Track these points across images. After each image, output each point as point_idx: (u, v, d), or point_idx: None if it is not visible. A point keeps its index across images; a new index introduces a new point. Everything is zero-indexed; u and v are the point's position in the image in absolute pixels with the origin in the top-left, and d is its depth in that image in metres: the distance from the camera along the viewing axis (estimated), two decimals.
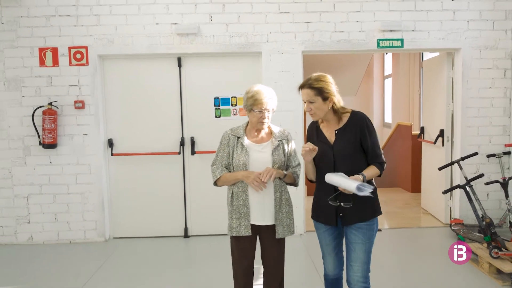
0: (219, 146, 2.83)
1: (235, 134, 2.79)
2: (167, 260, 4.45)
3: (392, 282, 3.81)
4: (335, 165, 2.53)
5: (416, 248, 4.76)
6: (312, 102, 2.53)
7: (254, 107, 2.67)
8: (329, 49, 4.99)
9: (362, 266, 2.55)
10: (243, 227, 2.71)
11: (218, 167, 2.78)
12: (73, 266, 4.34)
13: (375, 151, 2.56)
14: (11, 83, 4.88)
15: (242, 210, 2.72)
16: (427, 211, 5.93)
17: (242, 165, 2.71)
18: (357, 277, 2.55)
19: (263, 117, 2.70)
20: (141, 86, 5.06)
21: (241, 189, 2.73)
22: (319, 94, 2.51)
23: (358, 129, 2.54)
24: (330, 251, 2.70)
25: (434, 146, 5.52)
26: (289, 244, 4.72)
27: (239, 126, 2.86)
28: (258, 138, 2.81)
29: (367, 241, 2.55)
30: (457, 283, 3.76)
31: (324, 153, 2.56)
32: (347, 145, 2.53)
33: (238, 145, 2.77)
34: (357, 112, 2.60)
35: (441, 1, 4.94)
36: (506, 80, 5.05)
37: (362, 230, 2.54)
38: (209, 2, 4.87)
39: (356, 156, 2.55)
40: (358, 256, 2.54)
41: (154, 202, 5.13)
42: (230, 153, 2.77)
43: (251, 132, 2.81)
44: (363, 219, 2.54)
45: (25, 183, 4.98)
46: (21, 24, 4.84)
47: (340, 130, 2.57)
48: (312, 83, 2.53)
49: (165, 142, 5.10)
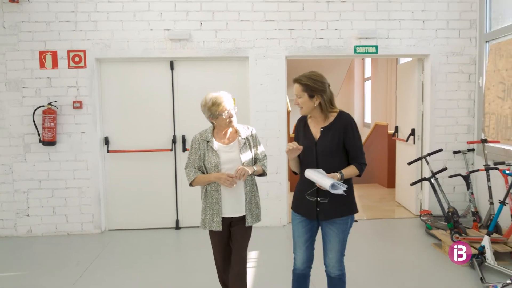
0: (190, 150, 3.01)
1: (204, 138, 2.96)
2: (159, 250, 4.77)
3: (367, 266, 4.25)
4: (317, 161, 2.66)
5: (389, 237, 5.22)
6: (299, 97, 2.67)
7: (219, 111, 2.86)
8: (311, 55, 5.41)
9: (336, 254, 2.75)
10: (215, 223, 2.93)
11: (192, 170, 2.96)
12: (72, 256, 4.62)
13: (356, 152, 2.68)
14: (12, 84, 5.17)
15: (215, 207, 2.93)
16: (401, 204, 6.42)
17: (214, 167, 2.91)
18: (333, 262, 2.77)
19: (231, 116, 2.92)
20: (136, 87, 5.40)
21: (214, 188, 2.93)
22: (305, 91, 2.64)
23: (342, 129, 2.65)
24: (302, 243, 2.82)
25: (407, 144, 6.00)
26: (272, 234, 5.16)
27: (206, 130, 3.02)
28: (226, 140, 2.99)
29: (341, 234, 2.72)
30: (423, 265, 4.22)
31: (308, 148, 2.69)
32: (330, 143, 2.65)
33: (208, 148, 2.94)
34: (344, 113, 2.72)
35: (412, 12, 5.41)
36: (471, 83, 5.55)
37: (337, 225, 2.70)
38: (200, 10, 5.24)
39: (338, 155, 2.66)
40: (333, 246, 2.74)
41: (147, 196, 5.46)
42: (201, 156, 2.95)
43: (218, 135, 2.99)
44: (339, 215, 2.68)
45: (25, 179, 5.26)
46: (22, 28, 5.13)
47: (325, 128, 2.69)
48: (301, 79, 2.67)
49: (158, 140, 5.44)
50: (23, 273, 4.19)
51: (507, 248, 4.16)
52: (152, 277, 3.99)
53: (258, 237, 5.16)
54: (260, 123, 5.34)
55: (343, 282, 2.82)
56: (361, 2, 5.34)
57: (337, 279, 2.80)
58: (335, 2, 5.31)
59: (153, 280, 3.94)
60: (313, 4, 5.30)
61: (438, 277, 3.90)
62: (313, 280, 3.16)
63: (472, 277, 3.84)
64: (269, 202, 5.36)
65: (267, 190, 5.36)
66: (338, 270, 2.78)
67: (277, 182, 5.45)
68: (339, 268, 2.79)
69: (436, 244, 4.68)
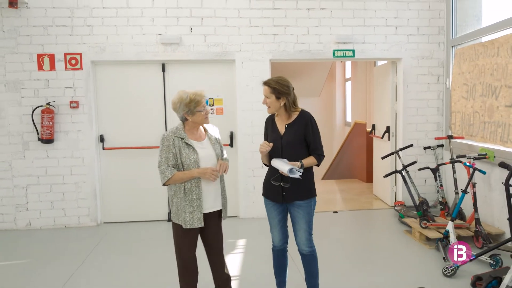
0: (161, 148, 2.96)
1: (178, 136, 2.95)
2: (152, 241, 5.09)
3: (345, 249, 4.69)
4: (282, 152, 3.05)
5: (366, 225, 5.68)
6: (268, 98, 3.06)
7: (198, 107, 2.93)
8: (293, 58, 5.83)
9: (305, 233, 3.11)
10: (196, 220, 2.93)
11: (167, 168, 2.91)
12: (70, 246, 4.92)
13: (316, 145, 3.08)
14: (12, 85, 5.46)
15: (196, 203, 2.93)
16: (378, 197, 6.89)
17: (194, 163, 2.92)
18: (302, 241, 3.13)
19: (207, 112, 3.03)
20: (130, 88, 5.74)
21: (194, 184, 2.93)
22: (273, 93, 3.02)
23: (303, 126, 3.06)
24: (276, 224, 3.21)
25: (382, 140, 6.47)
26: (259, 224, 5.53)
27: (177, 128, 3.00)
28: (197, 137, 3.05)
29: (307, 215, 3.09)
30: (395, 248, 4.67)
31: (274, 142, 3.08)
32: (293, 137, 3.05)
33: (184, 145, 2.94)
34: (305, 112, 3.12)
35: (385, 19, 5.88)
36: (439, 84, 6.04)
37: (302, 208, 3.08)
38: (189, 16, 5.61)
39: (300, 147, 3.06)
40: (301, 226, 3.10)
41: (140, 190, 5.80)
42: (176, 154, 2.93)
43: (191, 132, 3.02)
44: (301, 198, 3.06)
45: (24, 175, 5.55)
46: (21, 32, 5.42)
47: (289, 125, 3.09)
48: (270, 82, 3.04)
49: (150, 137, 5.78)
50: (26, 261, 4.49)
51: (469, 233, 4.64)
52: (146, 265, 4.31)
53: (245, 227, 5.58)
54: (247, 122, 5.74)
55: (314, 257, 3.18)
56: (339, 9, 5.78)
57: (309, 256, 3.16)
58: (315, 9, 5.75)
59: (147, 267, 4.25)
60: (294, 11, 5.73)
61: (408, 258, 4.36)
62: (291, 255, 3.56)
63: (437, 257, 4.30)
64: (255, 195, 5.75)
65: (253, 183, 5.76)
66: (308, 247, 3.14)
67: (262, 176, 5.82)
68: (309, 245, 3.14)
69: (407, 231, 5.15)
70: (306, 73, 9.97)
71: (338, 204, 6.73)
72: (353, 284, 3.76)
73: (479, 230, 4.41)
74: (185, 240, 3.00)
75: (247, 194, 5.83)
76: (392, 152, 5.66)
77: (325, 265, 3.92)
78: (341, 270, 4.07)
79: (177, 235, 3.03)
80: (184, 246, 3.02)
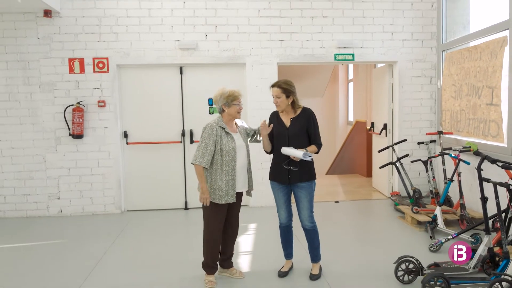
0: (203, 135, 3.47)
1: (220, 125, 3.52)
2: (172, 226, 5.66)
3: (345, 232, 5.27)
4: (289, 141, 3.59)
5: (364, 212, 6.26)
6: (279, 98, 3.59)
7: (234, 101, 3.53)
8: (298, 61, 6.42)
9: (307, 211, 3.66)
10: (230, 196, 3.53)
11: (203, 155, 3.43)
12: (99, 230, 5.52)
13: (316, 135, 3.64)
14: (45, 87, 6.08)
15: (230, 183, 3.51)
16: (376, 189, 7.47)
17: (232, 150, 3.50)
18: (305, 217, 3.67)
19: (241, 107, 3.59)
20: (151, 89, 6.35)
21: (231, 167, 3.51)
22: (284, 93, 3.57)
23: (306, 120, 3.63)
24: (282, 203, 3.74)
25: (380, 136, 7.05)
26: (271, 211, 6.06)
27: (218, 119, 3.56)
28: (233, 129, 3.63)
29: (308, 195, 3.64)
30: (389, 231, 5.24)
31: (282, 133, 3.62)
32: (298, 129, 3.60)
33: (224, 134, 3.50)
34: (306, 108, 3.70)
35: (382, 25, 6.46)
36: (432, 85, 6.61)
37: (304, 188, 3.63)
38: (205, 24, 6.22)
39: (303, 137, 3.61)
40: (304, 205, 3.65)
41: (160, 181, 6.40)
42: (217, 141, 3.45)
43: (228, 124, 3.61)
44: (304, 180, 3.60)
45: (56, 167, 6.18)
46: (54, 39, 6.05)
47: (294, 119, 3.65)
48: (281, 84, 3.59)
49: (169, 133, 6.39)
50: (63, 241, 5.10)
51: (455, 217, 5.20)
52: (169, 244, 4.90)
53: (255, 214, 6.15)
54: (256, 119, 6.31)
55: (316, 232, 3.74)
56: (340, 17, 6.37)
57: (311, 230, 3.72)
58: (318, 17, 6.34)
59: (170, 246, 4.84)
60: (300, 19, 6.32)
61: (400, 238, 4.93)
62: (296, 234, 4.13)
63: (425, 238, 4.87)
64: (264, 185, 6.24)
65: (261, 175, 6.33)
66: (310, 222, 3.69)
67: None
68: (311, 221, 3.69)
69: (401, 217, 5.72)
70: (310, 75, 10.58)
71: (339, 195, 7.31)
72: (352, 258, 4.34)
73: (464, 214, 4.99)
74: (215, 214, 3.53)
75: (256, 185, 6.36)
76: (388, 146, 6.24)
77: (328, 244, 4.51)
78: (342, 247, 4.66)
79: (209, 209, 3.54)
80: (214, 219, 3.55)
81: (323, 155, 5.68)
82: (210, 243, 3.63)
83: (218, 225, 3.58)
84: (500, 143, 4.84)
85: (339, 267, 4.09)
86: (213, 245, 3.64)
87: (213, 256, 3.68)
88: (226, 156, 3.49)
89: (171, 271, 4.08)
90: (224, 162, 3.49)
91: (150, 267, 4.21)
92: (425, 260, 3.88)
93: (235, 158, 3.53)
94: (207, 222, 3.62)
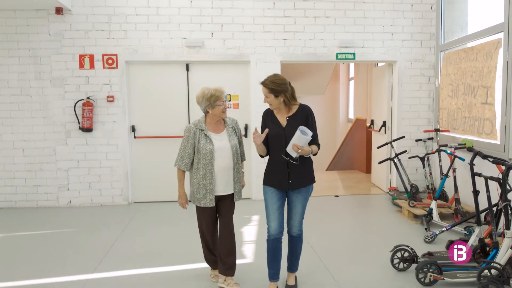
0: (183, 138, 3.35)
1: (198, 127, 3.34)
2: (177, 217, 5.83)
3: (345, 226, 5.50)
4: (286, 142, 3.17)
5: (363, 206, 6.48)
6: (267, 97, 3.21)
7: (217, 101, 3.30)
8: (301, 60, 6.63)
9: (299, 217, 3.35)
10: (208, 200, 3.35)
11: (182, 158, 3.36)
12: (108, 220, 5.74)
13: (315, 135, 3.26)
14: (56, 81, 6.29)
15: (208, 187, 3.33)
16: (375, 184, 7.69)
17: (209, 152, 3.30)
18: (296, 223, 3.36)
19: (226, 106, 3.36)
20: (158, 85, 6.56)
21: (208, 171, 3.33)
22: (271, 93, 3.17)
23: (304, 118, 3.25)
24: (275, 210, 3.28)
25: (379, 133, 7.26)
26: None
27: (199, 120, 3.38)
28: (217, 129, 3.40)
29: (304, 200, 3.32)
30: (387, 224, 5.47)
31: (277, 133, 3.23)
32: (295, 128, 3.12)
33: (202, 136, 3.30)
34: (304, 105, 3.31)
35: (382, 26, 6.66)
36: (430, 84, 6.82)
37: (302, 193, 3.30)
38: (211, 23, 6.42)
39: None
40: (298, 211, 3.33)
41: (166, 174, 6.54)
42: (195, 143, 3.30)
43: (210, 125, 3.39)
44: (305, 184, 3.29)
45: (66, 159, 6.40)
46: (65, 36, 6.26)
47: (290, 117, 3.26)
48: (267, 83, 3.18)
49: (175, 128, 6.59)
50: (74, 229, 5.33)
51: (450, 211, 5.42)
52: (175, 233, 5.13)
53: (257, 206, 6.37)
54: (259, 115, 6.47)
55: (301, 240, 3.45)
56: (341, 17, 6.58)
57: (298, 238, 3.42)
58: (321, 17, 6.55)
59: (176, 235, 5.07)
60: (303, 19, 6.53)
61: (397, 230, 5.16)
62: None
63: (421, 230, 5.09)
64: None
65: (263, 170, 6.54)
66: (299, 230, 3.39)
67: None
68: (300, 228, 3.39)
69: (398, 210, 5.95)
70: (312, 73, 10.79)
71: (339, 189, 7.54)
72: (350, 249, 4.57)
73: (458, 208, 5.22)
74: (201, 215, 3.50)
75: (258, 178, 6.63)
76: (386, 143, 6.46)
77: (328, 235, 4.73)
78: (341, 237, 4.89)
79: (196, 210, 3.54)
80: (200, 220, 3.52)
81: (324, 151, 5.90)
82: (202, 241, 3.66)
83: (206, 226, 3.51)
84: (494, 140, 5.06)
85: (338, 255, 4.32)
86: (204, 244, 3.64)
87: (204, 254, 3.73)
88: (203, 159, 3.34)
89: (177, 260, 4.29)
90: (201, 165, 3.35)
91: (157, 256, 4.41)
92: (420, 250, 4.11)
93: (212, 162, 3.34)
94: (197, 220, 3.58)
